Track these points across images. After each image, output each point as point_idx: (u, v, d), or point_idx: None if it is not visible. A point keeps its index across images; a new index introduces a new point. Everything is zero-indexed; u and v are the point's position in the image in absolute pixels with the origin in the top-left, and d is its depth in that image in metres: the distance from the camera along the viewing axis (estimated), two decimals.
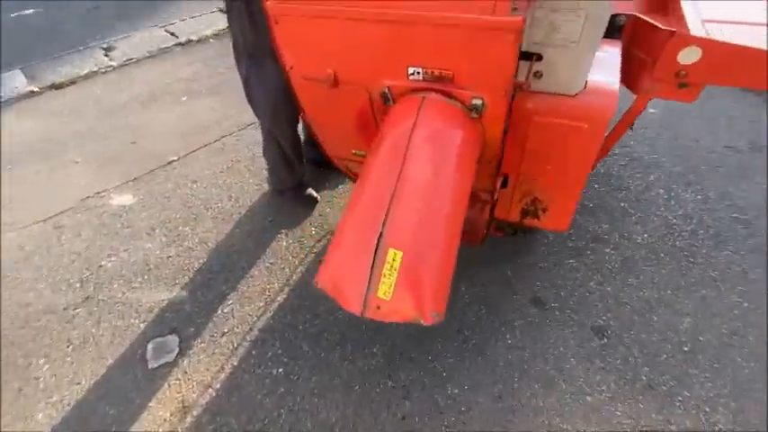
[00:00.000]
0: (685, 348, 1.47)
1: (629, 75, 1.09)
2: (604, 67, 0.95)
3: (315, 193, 2.14)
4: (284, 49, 0.91)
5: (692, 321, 1.54)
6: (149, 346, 1.58)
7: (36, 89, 3.19)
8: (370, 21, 0.76)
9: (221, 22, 4.18)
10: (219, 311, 1.69)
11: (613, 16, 0.94)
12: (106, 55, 3.58)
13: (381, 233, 0.74)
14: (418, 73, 0.81)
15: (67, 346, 1.60)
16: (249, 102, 1.81)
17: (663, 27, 1.04)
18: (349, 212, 0.81)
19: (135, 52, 3.58)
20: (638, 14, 1.08)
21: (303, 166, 2.09)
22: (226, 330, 1.63)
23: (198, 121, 2.80)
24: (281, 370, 1.50)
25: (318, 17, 0.80)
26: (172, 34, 3.90)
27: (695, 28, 1.11)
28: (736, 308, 1.58)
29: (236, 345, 1.58)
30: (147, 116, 2.88)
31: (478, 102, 0.79)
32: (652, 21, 1.04)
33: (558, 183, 1.06)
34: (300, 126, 1.89)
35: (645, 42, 1.07)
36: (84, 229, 2.08)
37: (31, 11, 4.34)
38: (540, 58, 0.83)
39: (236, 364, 1.53)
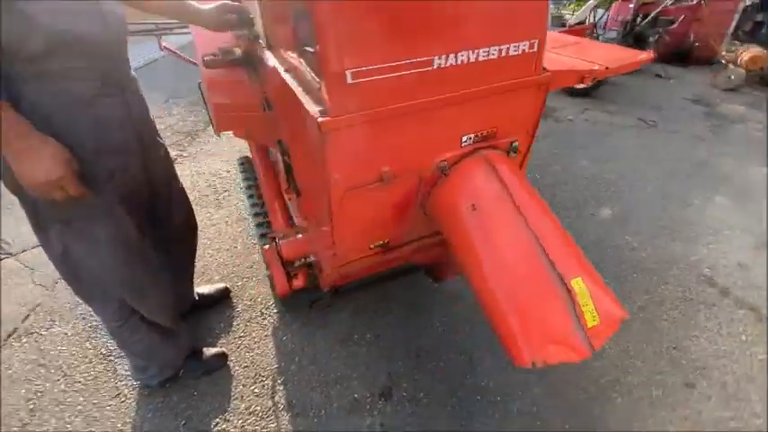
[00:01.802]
0: None
1: None
2: None
3: (217, 349, 1.63)
4: (334, 165, 0.74)
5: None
6: None
7: None
8: (430, 109, 0.76)
9: None
10: None
11: None
12: None
13: (559, 273, 0.78)
14: (470, 138, 0.87)
15: None
16: (75, 284, 1.21)
17: None
18: (501, 276, 0.78)
19: None
20: None
21: (186, 326, 1.55)
22: None
23: None
24: None
25: (378, 120, 0.72)
26: None
27: None
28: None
29: None
30: None
31: (516, 144, 0.93)
32: None
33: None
34: None
35: None
36: None
37: None
38: None
39: None
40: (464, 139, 0.86)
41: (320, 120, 0.67)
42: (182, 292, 1.67)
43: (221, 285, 1.90)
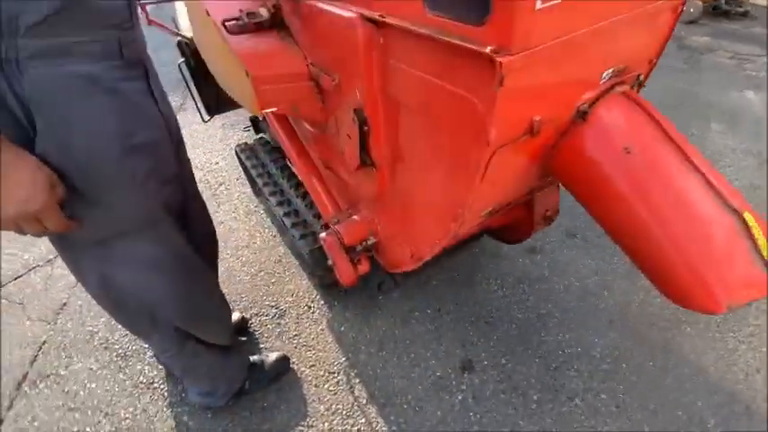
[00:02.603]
0: None
1: None
2: None
3: (276, 353, 1.49)
4: (499, 117, 0.62)
5: None
6: None
7: None
8: (593, 39, 0.65)
9: None
10: None
11: None
12: None
13: (734, 209, 0.72)
14: (608, 75, 0.77)
15: None
16: (120, 315, 1.03)
17: None
18: (677, 222, 0.71)
19: None
20: None
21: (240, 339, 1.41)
22: None
23: None
24: None
25: (552, 56, 0.60)
26: None
27: None
28: None
29: None
30: None
31: (641, 77, 0.85)
32: None
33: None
34: None
35: None
36: None
37: None
38: None
39: None
40: (604, 75, 0.76)
41: (501, 60, 0.54)
42: None
43: (236, 316, 1.60)
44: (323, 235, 1.32)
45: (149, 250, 0.91)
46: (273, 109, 1.14)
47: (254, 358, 1.41)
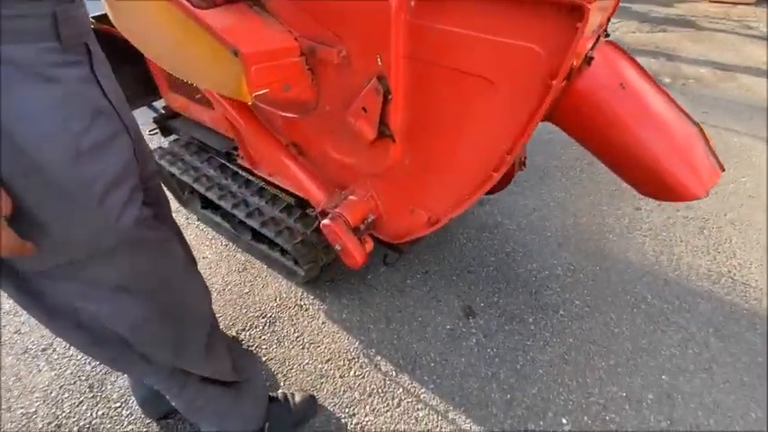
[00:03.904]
0: None
1: None
2: None
3: (302, 393, 1.29)
4: (570, 64, 0.70)
5: None
6: None
7: None
8: None
9: None
10: None
11: None
12: None
13: (694, 120, 0.96)
14: (596, 27, 0.92)
15: None
16: (98, 346, 0.82)
17: None
18: (662, 137, 0.92)
19: None
20: None
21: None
22: None
23: None
24: None
25: None
26: None
27: None
28: None
29: None
30: None
31: (607, 30, 1.04)
32: None
33: None
34: None
35: None
36: None
37: None
38: None
39: None
40: (595, 27, 0.92)
41: (590, 7, 0.62)
42: None
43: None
44: (325, 222, 1.26)
45: (111, 277, 0.74)
46: (264, 91, 1.03)
47: (276, 394, 1.26)
